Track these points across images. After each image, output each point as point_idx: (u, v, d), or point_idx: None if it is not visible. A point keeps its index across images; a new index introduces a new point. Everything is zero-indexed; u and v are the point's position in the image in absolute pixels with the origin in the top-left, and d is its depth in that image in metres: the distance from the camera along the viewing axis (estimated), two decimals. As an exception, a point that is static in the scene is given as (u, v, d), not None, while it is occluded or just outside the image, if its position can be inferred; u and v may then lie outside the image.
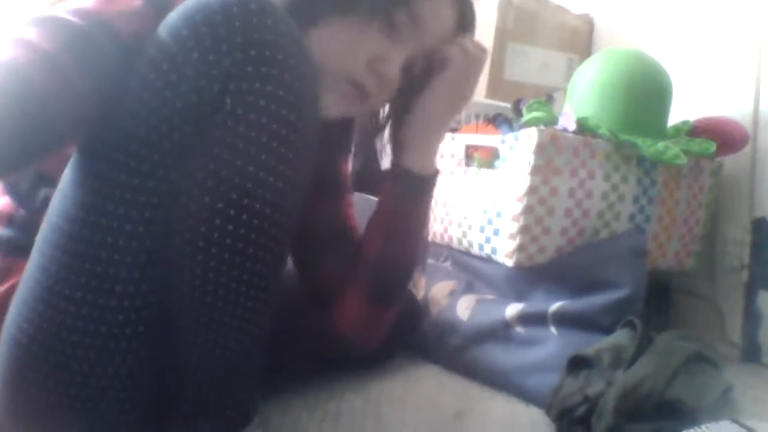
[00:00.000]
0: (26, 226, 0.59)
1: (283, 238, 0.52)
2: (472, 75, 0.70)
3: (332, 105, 0.62)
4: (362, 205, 0.77)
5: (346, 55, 0.62)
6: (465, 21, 0.68)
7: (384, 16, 0.61)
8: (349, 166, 0.78)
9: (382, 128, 0.75)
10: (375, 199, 0.73)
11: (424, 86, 0.68)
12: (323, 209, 0.73)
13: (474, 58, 0.68)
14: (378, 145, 0.77)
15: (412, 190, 0.69)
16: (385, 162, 0.75)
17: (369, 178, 0.80)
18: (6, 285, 0.57)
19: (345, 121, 0.73)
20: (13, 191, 0.62)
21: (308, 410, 0.77)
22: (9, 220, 0.62)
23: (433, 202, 0.72)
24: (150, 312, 0.51)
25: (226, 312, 0.50)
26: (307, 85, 0.50)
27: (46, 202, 0.53)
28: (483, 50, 0.69)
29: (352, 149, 0.78)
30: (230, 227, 0.48)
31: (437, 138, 0.71)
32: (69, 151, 0.52)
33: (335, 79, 0.61)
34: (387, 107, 0.73)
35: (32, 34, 0.46)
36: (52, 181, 0.54)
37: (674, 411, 0.70)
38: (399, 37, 0.62)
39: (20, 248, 0.57)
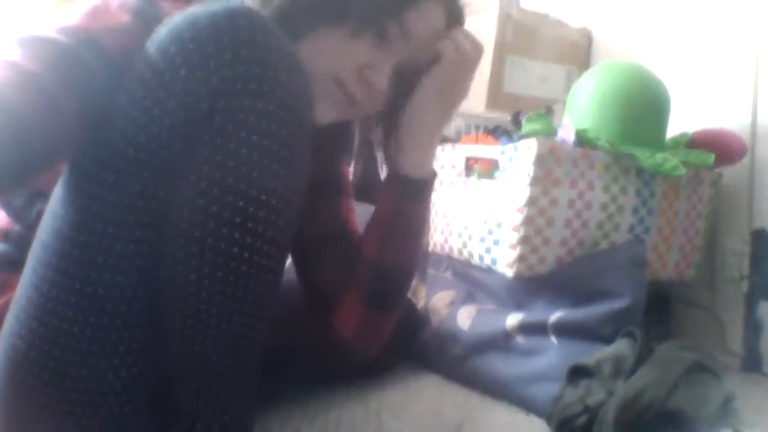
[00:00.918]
0: (22, 241, 0.59)
1: (278, 254, 0.51)
2: (466, 72, 0.66)
3: (323, 112, 0.61)
4: (363, 214, 0.77)
5: (334, 64, 0.61)
6: (454, 17, 0.65)
7: (374, 28, 0.60)
8: (350, 170, 0.77)
9: (377, 130, 0.73)
10: (376, 208, 0.73)
11: (415, 84, 0.66)
12: (323, 211, 0.72)
13: (466, 54, 0.65)
14: (378, 153, 0.77)
15: (409, 193, 0.68)
16: (385, 170, 0.75)
17: (370, 187, 0.80)
18: (1, 300, 0.57)
19: (343, 122, 0.72)
20: (8, 206, 0.62)
21: (308, 420, 0.76)
22: (5, 235, 0.62)
23: (433, 211, 0.72)
24: (143, 330, 0.50)
25: (219, 330, 0.50)
26: (299, 100, 0.49)
27: (40, 217, 0.53)
28: (477, 45, 0.66)
29: (353, 153, 0.77)
30: (222, 246, 0.47)
31: (431, 139, 0.68)
32: (61, 168, 0.51)
33: (325, 85, 0.60)
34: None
35: (17, 54, 0.46)
36: (46, 197, 0.53)
37: (675, 421, 0.70)
38: (389, 47, 0.62)
39: (15, 263, 0.56)
